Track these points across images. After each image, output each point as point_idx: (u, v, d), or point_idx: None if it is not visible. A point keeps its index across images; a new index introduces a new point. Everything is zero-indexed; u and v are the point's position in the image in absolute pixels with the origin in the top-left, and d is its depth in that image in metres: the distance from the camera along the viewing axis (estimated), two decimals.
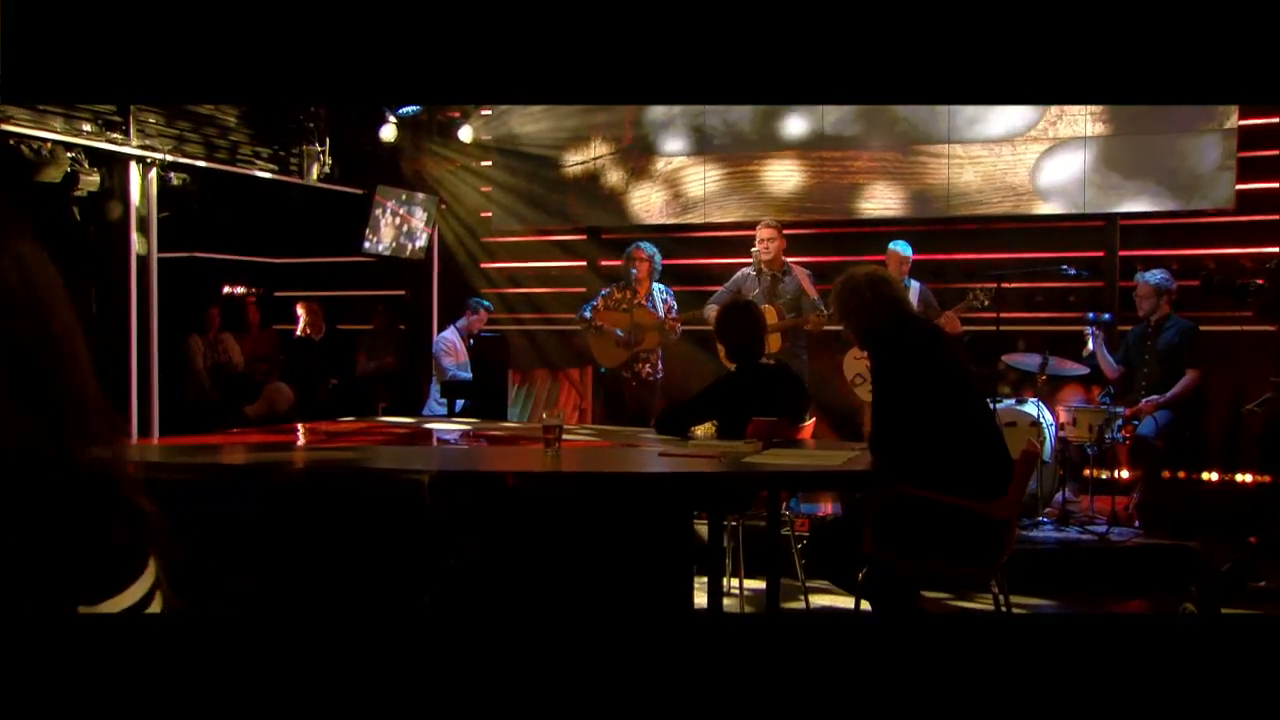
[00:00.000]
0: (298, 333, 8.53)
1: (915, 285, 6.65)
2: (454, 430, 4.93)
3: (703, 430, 4.37)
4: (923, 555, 3.41)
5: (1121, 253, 7.10)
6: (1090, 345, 6.23)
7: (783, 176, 7.82)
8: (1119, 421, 6.07)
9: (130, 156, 6.19)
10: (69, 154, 5.78)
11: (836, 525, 4.35)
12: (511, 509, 3.17)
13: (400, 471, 3.01)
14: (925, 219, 7.43)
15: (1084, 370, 6.37)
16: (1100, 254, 7.15)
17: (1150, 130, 6.84)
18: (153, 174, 6.32)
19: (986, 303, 6.22)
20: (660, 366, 6.93)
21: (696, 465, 3.52)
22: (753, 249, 6.56)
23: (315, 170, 6.97)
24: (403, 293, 8.72)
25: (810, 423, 4.53)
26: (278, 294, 9.17)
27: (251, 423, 7.14)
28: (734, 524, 4.66)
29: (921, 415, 3.43)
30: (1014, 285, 6.79)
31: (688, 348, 7.12)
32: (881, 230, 7.40)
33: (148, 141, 6.28)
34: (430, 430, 5.10)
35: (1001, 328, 6.33)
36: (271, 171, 7.07)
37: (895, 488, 3.44)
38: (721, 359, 4.69)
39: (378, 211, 7.72)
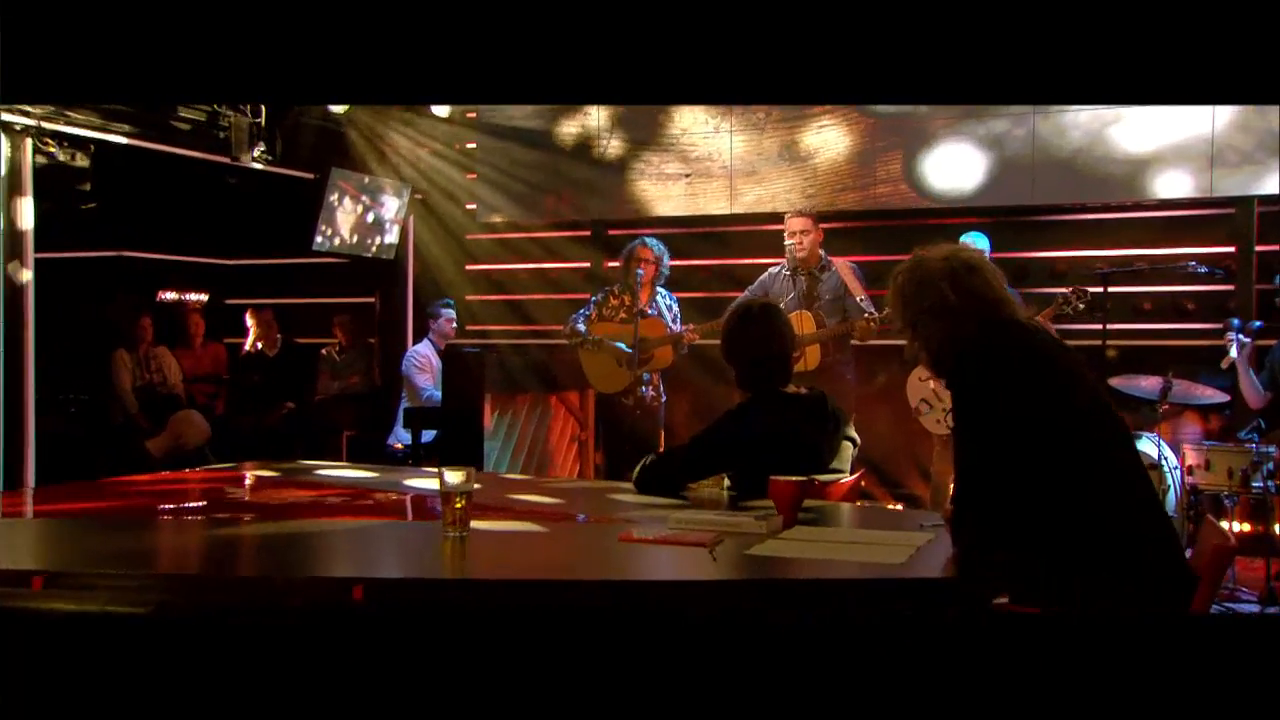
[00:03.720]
0: (247, 347, 7.79)
1: None
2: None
3: (708, 489, 3.22)
4: None
5: (1259, 247, 5.98)
6: (1233, 353, 4.98)
7: (823, 147, 6.81)
8: (1269, 464, 4.75)
9: None
10: None
11: None
12: (355, 648, 1.93)
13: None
14: (1005, 207, 6.44)
15: (1221, 398, 5.16)
16: (1230, 248, 6.01)
17: None
18: (27, 145, 5.19)
19: (1081, 307, 5.08)
20: (663, 389, 6.03)
21: (672, 565, 2.27)
22: (786, 243, 5.55)
23: (250, 147, 5.83)
24: (372, 299, 7.94)
25: (854, 478, 3.33)
26: (228, 301, 8.42)
27: (154, 461, 6.08)
28: None
29: (1040, 486, 2.19)
30: (1123, 289, 5.79)
31: (704, 367, 6.06)
32: (950, 221, 6.41)
33: (22, 106, 5.16)
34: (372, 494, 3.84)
35: (1107, 341, 5.32)
36: (198, 149, 5.96)
37: (994, 602, 2.16)
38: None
39: (332, 198, 6.77)
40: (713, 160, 7.00)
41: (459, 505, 2.45)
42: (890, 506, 6.51)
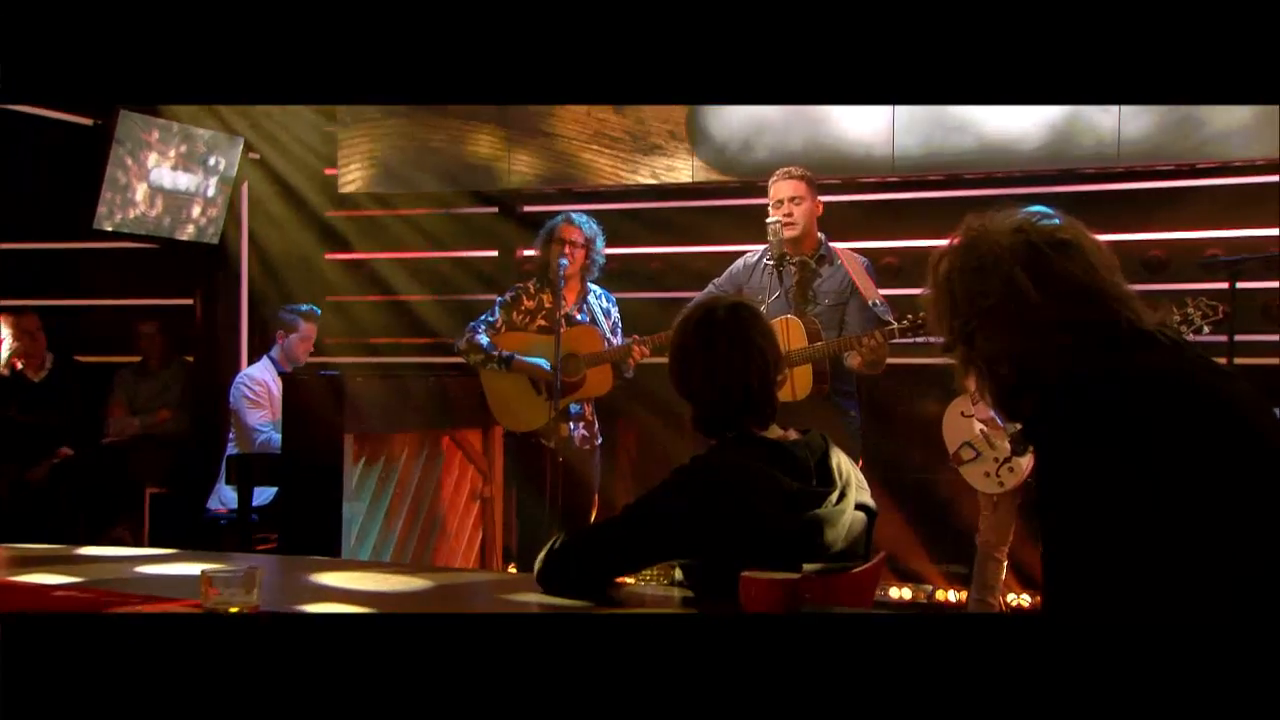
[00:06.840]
0: (0, 367, 7.75)
1: None
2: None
3: (650, 588, 3.31)
4: None
5: None
6: None
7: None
8: None
9: None
10: None
11: None
12: None
13: None
14: (1078, 171, 6.55)
15: None
16: None
17: None
18: None
19: (1208, 329, 5.04)
20: (597, 426, 6.11)
21: None
22: (768, 220, 5.45)
23: None
24: (190, 301, 8.03)
25: (870, 565, 3.17)
26: None
27: None
28: None
29: (1195, 600, 1.92)
30: (1247, 285, 5.70)
31: (658, 396, 6.12)
32: (998, 192, 6.59)
33: None
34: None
35: (1235, 360, 5.31)
36: None
37: None
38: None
39: (123, 154, 6.84)
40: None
41: None
42: (923, 593, 6.45)
